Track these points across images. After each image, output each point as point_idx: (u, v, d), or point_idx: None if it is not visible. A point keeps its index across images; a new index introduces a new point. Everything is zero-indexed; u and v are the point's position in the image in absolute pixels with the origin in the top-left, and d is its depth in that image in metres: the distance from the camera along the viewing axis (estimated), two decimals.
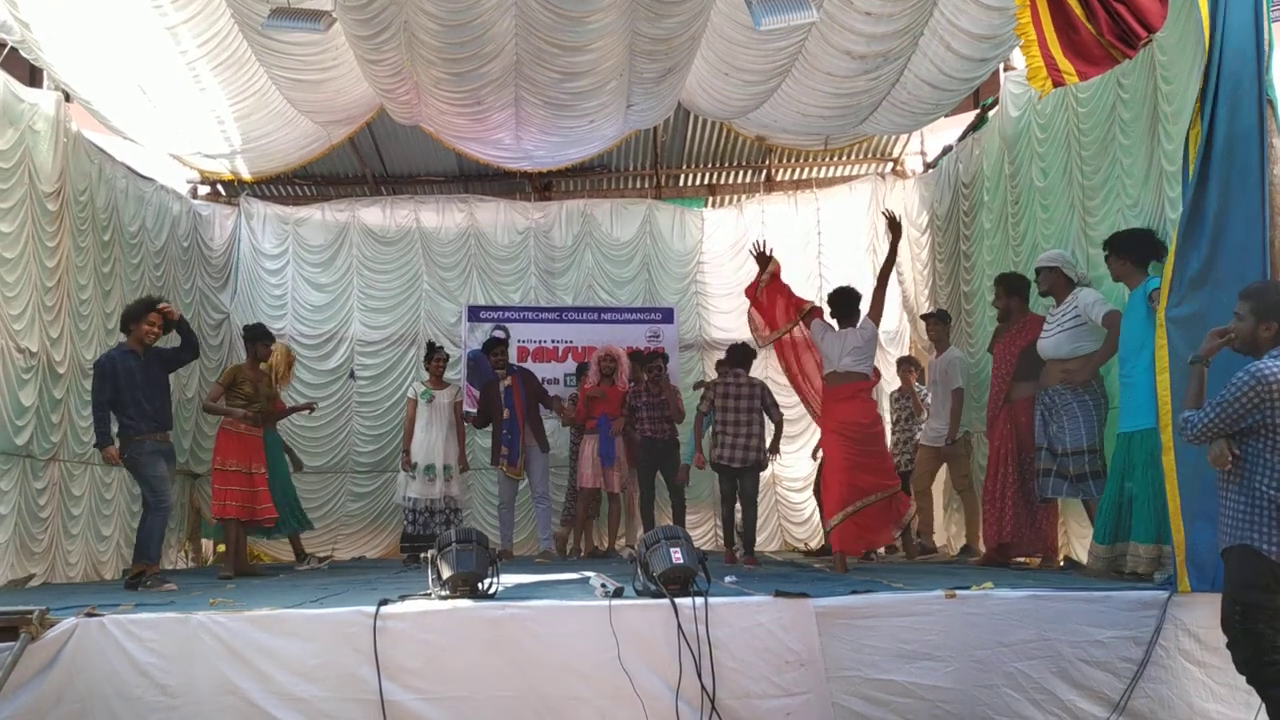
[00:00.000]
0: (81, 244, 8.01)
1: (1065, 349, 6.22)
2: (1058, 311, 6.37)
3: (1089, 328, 6.14)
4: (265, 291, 10.85)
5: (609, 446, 9.10)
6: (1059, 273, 6.40)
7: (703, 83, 8.70)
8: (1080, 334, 6.18)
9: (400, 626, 4.50)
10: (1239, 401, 3.71)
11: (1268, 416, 3.69)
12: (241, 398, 7.83)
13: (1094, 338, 6.14)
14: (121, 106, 8.18)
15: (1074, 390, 6.17)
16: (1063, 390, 6.21)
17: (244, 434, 7.83)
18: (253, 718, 4.40)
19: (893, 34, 7.54)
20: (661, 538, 4.89)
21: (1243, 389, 3.70)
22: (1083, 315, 6.16)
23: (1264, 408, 3.68)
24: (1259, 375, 3.68)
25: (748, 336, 10.84)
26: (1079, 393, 6.16)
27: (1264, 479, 3.72)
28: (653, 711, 4.42)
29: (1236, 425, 3.74)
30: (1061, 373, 6.23)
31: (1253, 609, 3.73)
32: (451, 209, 11.16)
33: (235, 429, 7.79)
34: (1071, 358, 6.19)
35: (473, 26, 7.40)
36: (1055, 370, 6.30)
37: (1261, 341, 3.86)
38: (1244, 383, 3.70)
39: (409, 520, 8.70)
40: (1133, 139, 6.26)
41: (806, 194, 11.37)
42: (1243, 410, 3.71)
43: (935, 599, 4.66)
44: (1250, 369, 3.72)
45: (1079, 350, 6.17)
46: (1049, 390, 6.32)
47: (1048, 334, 6.38)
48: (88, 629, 4.47)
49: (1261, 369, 3.70)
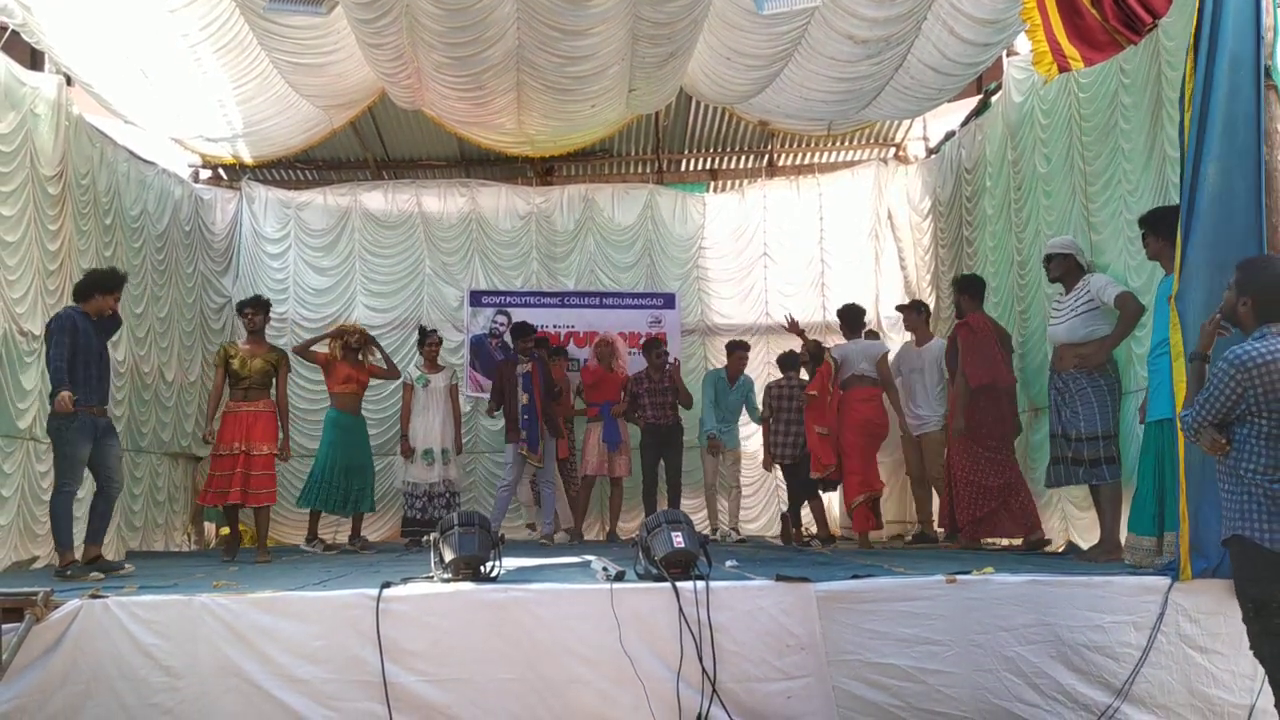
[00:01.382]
0: (84, 228, 8.00)
1: (1080, 333, 6.16)
2: (1068, 297, 6.31)
3: (1102, 311, 6.10)
4: (267, 275, 10.84)
5: (613, 433, 9.18)
6: (1071, 259, 6.36)
7: (705, 67, 8.68)
8: (1094, 317, 6.13)
9: (403, 609, 4.52)
10: (1223, 392, 3.61)
11: (1250, 403, 3.57)
12: (229, 375, 7.63)
13: (1107, 321, 6.09)
14: (123, 90, 8.17)
15: (1089, 375, 6.09)
16: (1077, 375, 6.13)
17: (239, 413, 7.57)
18: (255, 699, 4.42)
19: (896, 18, 7.53)
20: (663, 522, 4.90)
21: (1224, 379, 3.60)
22: (1095, 299, 6.12)
23: (1246, 395, 3.57)
24: (1237, 362, 3.57)
25: (749, 325, 10.97)
26: (1093, 377, 6.09)
27: (1249, 465, 3.61)
28: (654, 694, 4.43)
29: (1228, 415, 3.64)
30: (1075, 357, 6.15)
31: (1262, 604, 3.61)
32: (453, 193, 11.15)
33: (233, 410, 7.60)
34: (1086, 341, 6.13)
35: (474, 10, 7.38)
36: (1068, 355, 6.21)
37: (1242, 317, 3.76)
38: (1224, 371, 3.60)
39: (409, 504, 8.74)
40: (1135, 124, 6.25)
41: (809, 179, 11.36)
42: (1228, 400, 3.60)
43: (936, 584, 4.66)
44: (1228, 355, 3.61)
45: (1093, 334, 6.11)
46: (1061, 375, 6.25)
47: (1058, 319, 6.32)
48: (92, 610, 4.48)
49: (1239, 354, 3.58)
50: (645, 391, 9.17)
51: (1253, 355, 3.56)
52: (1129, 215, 6.29)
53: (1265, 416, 3.57)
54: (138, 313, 8.85)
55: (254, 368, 7.65)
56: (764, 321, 11.11)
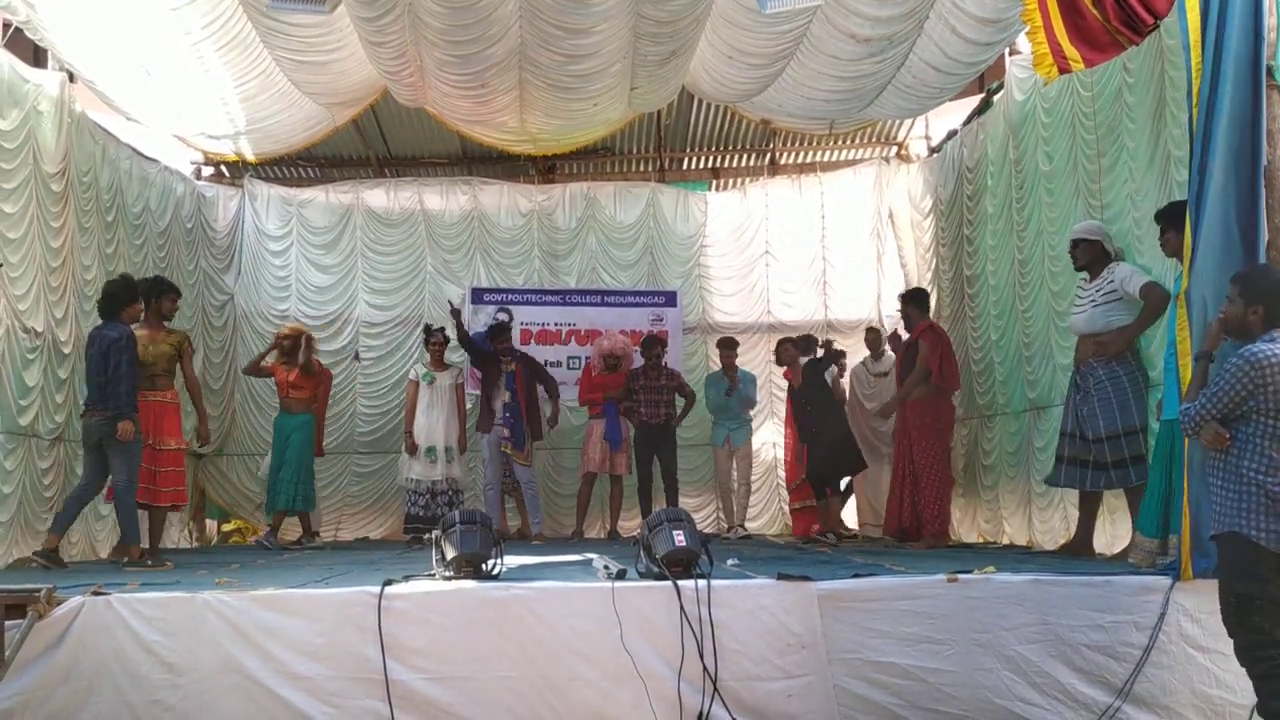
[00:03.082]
0: (86, 224, 8.01)
1: (1099, 323, 6.04)
2: (1091, 286, 6.18)
3: (1124, 301, 5.97)
4: (269, 273, 10.84)
5: (615, 431, 9.14)
6: (1099, 246, 6.19)
7: (707, 66, 8.68)
8: (1115, 308, 6.00)
9: (404, 607, 4.53)
10: (1234, 388, 3.66)
11: (1260, 401, 3.63)
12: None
13: (1129, 311, 5.96)
14: (126, 87, 8.17)
15: (1106, 365, 5.97)
16: (1095, 366, 6.01)
17: (147, 402, 6.85)
18: (257, 695, 4.43)
19: (898, 17, 7.52)
20: (664, 520, 4.90)
21: (1236, 375, 3.65)
22: (1119, 288, 5.98)
23: (1257, 393, 3.62)
24: (1252, 359, 3.63)
25: (750, 324, 10.98)
26: (1111, 367, 5.96)
27: (1251, 464, 3.66)
28: (655, 692, 4.44)
29: (1232, 412, 3.69)
30: (1094, 345, 6.04)
31: (1245, 600, 3.68)
32: (455, 191, 11.14)
33: (142, 398, 6.81)
34: (1105, 331, 6.01)
35: (477, 9, 7.38)
36: (1087, 345, 6.11)
37: (1251, 325, 3.80)
38: (1237, 368, 3.65)
39: (411, 501, 8.75)
40: (1138, 123, 6.25)
41: (810, 178, 11.35)
42: (1238, 397, 3.66)
43: (937, 583, 4.67)
44: (1243, 353, 3.67)
45: (1112, 325, 5.99)
46: (1081, 368, 6.13)
47: (1079, 309, 6.23)
48: (94, 607, 4.49)
49: (1255, 353, 3.65)
50: (641, 388, 9.21)
51: (1268, 355, 3.63)
52: (1134, 214, 6.28)
53: (1274, 417, 3.64)
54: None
55: (156, 353, 7.02)
56: (765, 320, 11.11)
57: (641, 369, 9.33)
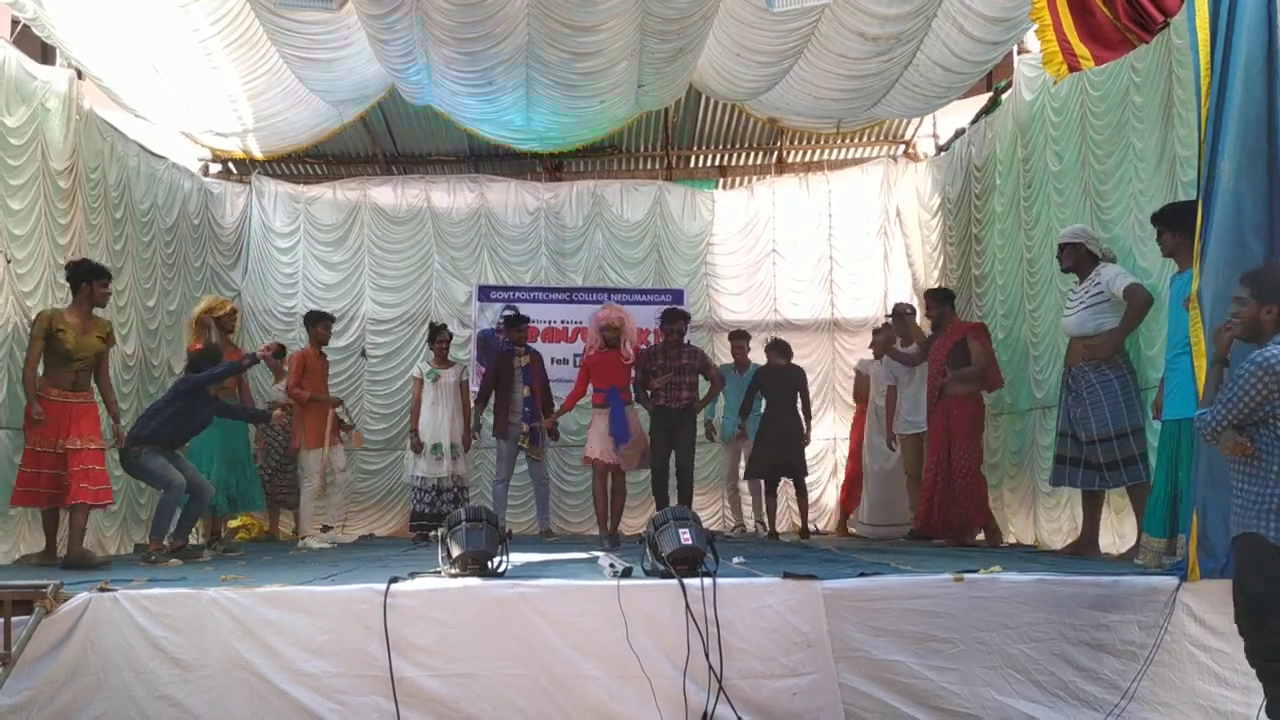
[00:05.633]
0: (93, 221, 8.02)
1: (1089, 325, 6.09)
2: (1080, 289, 6.24)
3: (1112, 303, 6.03)
4: (276, 270, 10.86)
5: (621, 426, 7.77)
6: (1082, 248, 6.25)
7: (714, 64, 8.67)
8: (1103, 310, 6.06)
9: (410, 604, 4.54)
10: (1248, 394, 3.62)
11: (1277, 405, 3.60)
12: (60, 355, 6.40)
13: (1116, 313, 6.02)
14: (133, 84, 8.18)
15: (1096, 368, 6.02)
16: (1085, 369, 6.07)
17: (67, 404, 6.44)
18: (264, 692, 4.44)
19: (906, 15, 7.51)
20: (670, 518, 4.91)
21: (1251, 381, 3.61)
22: (1106, 290, 6.04)
23: (1273, 398, 3.59)
24: (1265, 365, 3.59)
25: (758, 321, 10.94)
26: (1102, 370, 6.01)
27: (1278, 466, 3.63)
28: (660, 690, 4.44)
29: (1250, 418, 3.65)
30: (1084, 349, 6.10)
31: (1259, 600, 3.66)
32: (462, 189, 11.16)
33: (58, 399, 6.40)
34: (1095, 334, 6.06)
35: (485, 6, 7.39)
36: (1078, 348, 6.17)
37: (1265, 325, 3.77)
38: (1250, 374, 3.61)
39: (417, 499, 8.75)
40: (1146, 123, 6.23)
41: (818, 176, 11.34)
42: (1254, 402, 3.62)
43: (943, 582, 4.67)
44: (1255, 358, 3.63)
45: (1102, 327, 6.05)
46: (1072, 370, 6.19)
47: (1070, 311, 6.27)
48: (101, 604, 4.51)
49: (1266, 358, 3.60)
50: (659, 369, 8.03)
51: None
52: (1140, 214, 6.27)
53: None
54: (149, 305, 8.89)
55: (89, 346, 6.53)
56: (772, 318, 11.09)
57: (660, 347, 8.23)
